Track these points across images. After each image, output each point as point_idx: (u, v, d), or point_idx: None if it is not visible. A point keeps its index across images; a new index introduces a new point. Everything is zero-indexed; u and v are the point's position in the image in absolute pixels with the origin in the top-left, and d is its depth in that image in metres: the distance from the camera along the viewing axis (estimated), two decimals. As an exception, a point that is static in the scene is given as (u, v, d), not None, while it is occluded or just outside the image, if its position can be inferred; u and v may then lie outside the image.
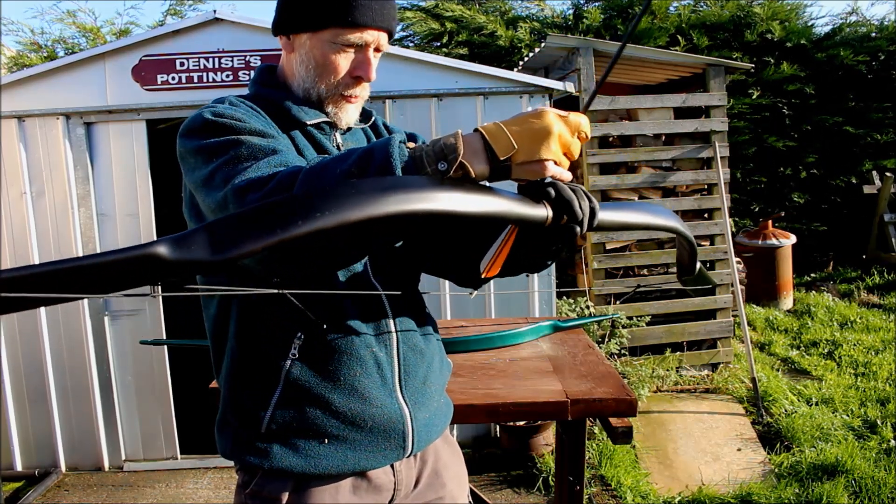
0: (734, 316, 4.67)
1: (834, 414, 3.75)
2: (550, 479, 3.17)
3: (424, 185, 0.85)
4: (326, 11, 1.11)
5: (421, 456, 1.26)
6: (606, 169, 4.42)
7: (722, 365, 4.50)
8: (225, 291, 1.09)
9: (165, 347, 3.42)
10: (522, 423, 3.35)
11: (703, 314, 4.57)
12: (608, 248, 4.42)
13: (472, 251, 1.20)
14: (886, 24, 7.43)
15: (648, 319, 4.41)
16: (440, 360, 1.31)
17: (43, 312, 3.37)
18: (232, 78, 3.27)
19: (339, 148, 1.21)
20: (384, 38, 1.16)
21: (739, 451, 3.47)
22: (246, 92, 1.25)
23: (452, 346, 2.10)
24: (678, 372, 4.40)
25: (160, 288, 0.78)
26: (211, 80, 3.28)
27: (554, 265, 3.57)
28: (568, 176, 0.94)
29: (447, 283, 1.46)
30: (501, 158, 0.89)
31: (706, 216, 4.57)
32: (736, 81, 6.83)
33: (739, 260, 5.38)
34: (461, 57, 6.48)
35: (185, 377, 3.62)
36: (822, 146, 7.24)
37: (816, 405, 3.88)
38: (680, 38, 6.84)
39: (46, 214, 3.33)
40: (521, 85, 3.40)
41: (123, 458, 3.51)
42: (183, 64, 3.27)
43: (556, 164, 0.91)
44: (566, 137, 0.91)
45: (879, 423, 3.60)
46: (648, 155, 4.41)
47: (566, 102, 4.50)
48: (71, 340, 3.40)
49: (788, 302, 6.14)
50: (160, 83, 3.27)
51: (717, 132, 4.43)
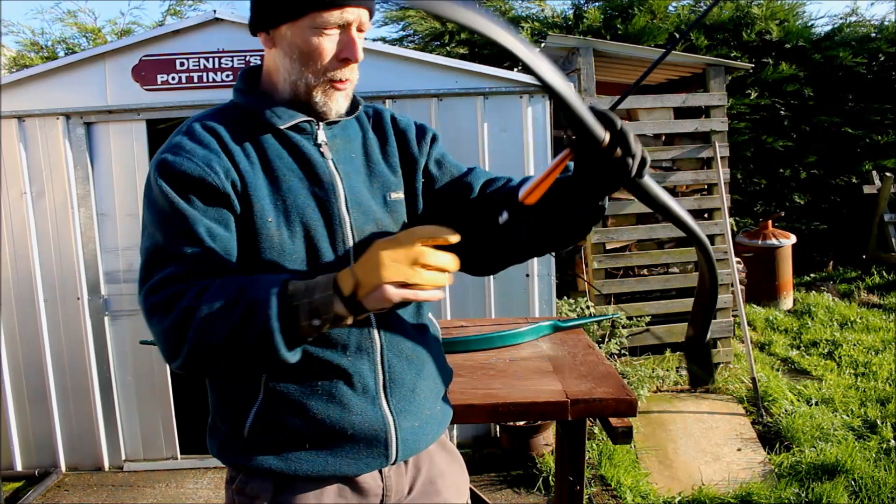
0: (734, 316, 4.67)
1: (834, 414, 3.75)
2: (550, 479, 3.17)
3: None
4: None
5: (414, 463, 1.24)
6: (606, 169, 4.41)
7: (722, 365, 4.50)
8: None
9: (165, 347, 3.41)
10: (522, 423, 3.35)
11: (703, 314, 4.56)
12: (608, 248, 4.42)
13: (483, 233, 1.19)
14: (887, 24, 7.42)
15: (648, 319, 4.41)
16: (436, 366, 1.28)
17: (43, 312, 3.37)
18: (232, 78, 3.27)
19: (320, 149, 1.18)
20: (365, 15, 1.13)
21: (739, 451, 3.47)
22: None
23: (452, 346, 2.10)
24: (678, 372, 4.40)
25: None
26: (211, 80, 3.28)
27: (554, 267, 3.56)
28: (430, 295, 0.95)
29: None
30: (346, 295, 0.94)
31: (706, 216, 4.58)
32: (735, 82, 6.83)
33: (739, 260, 5.38)
34: (462, 56, 6.48)
35: (185, 377, 3.61)
36: (821, 146, 7.24)
37: (816, 405, 3.88)
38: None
39: (46, 214, 3.33)
40: (520, 85, 3.40)
41: (123, 458, 3.51)
42: (183, 64, 3.27)
43: (400, 284, 0.92)
44: (400, 254, 0.92)
45: (879, 423, 3.60)
46: (648, 155, 4.40)
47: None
48: (71, 340, 3.40)
49: (788, 302, 6.14)
50: (160, 83, 3.27)
51: (717, 132, 4.43)
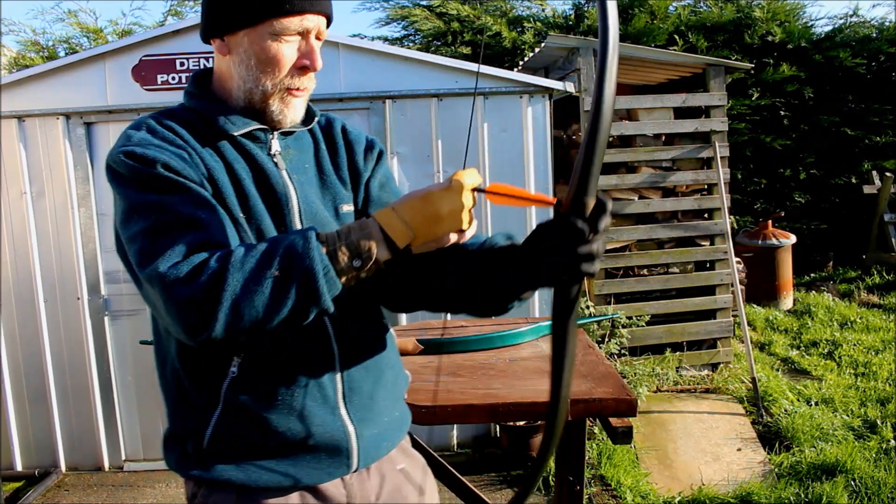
0: (734, 316, 4.67)
1: (834, 414, 3.75)
2: (550, 479, 3.17)
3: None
4: (262, 3, 1.07)
5: (377, 469, 1.23)
6: (606, 169, 4.42)
7: (722, 365, 4.50)
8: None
9: (165, 347, 3.42)
10: (522, 423, 3.35)
11: (703, 314, 4.57)
12: (608, 248, 4.42)
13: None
14: (887, 24, 7.42)
15: (648, 319, 4.41)
16: (393, 372, 1.27)
17: (43, 312, 3.37)
18: (232, 78, 3.27)
19: (273, 159, 1.15)
20: (324, 23, 1.11)
21: (739, 450, 3.47)
22: (179, 103, 1.20)
23: (452, 346, 2.10)
24: (678, 372, 4.40)
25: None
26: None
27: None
28: (470, 233, 1.01)
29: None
30: (402, 246, 0.97)
31: (706, 216, 4.58)
32: (736, 83, 6.83)
33: (739, 260, 5.38)
34: (464, 57, 6.49)
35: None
36: (821, 146, 7.24)
37: (816, 405, 3.88)
38: (678, 38, 6.84)
39: (46, 214, 3.33)
40: (521, 85, 3.40)
41: (123, 458, 3.51)
42: (183, 64, 3.27)
43: (458, 232, 0.98)
44: (458, 205, 0.96)
45: (879, 423, 3.60)
46: (648, 155, 4.41)
47: (566, 102, 4.50)
48: (71, 340, 3.40)
49: (788, 302, 6.14)
50: (160, 83, 3.27)
51: (717, 132, 4.43)
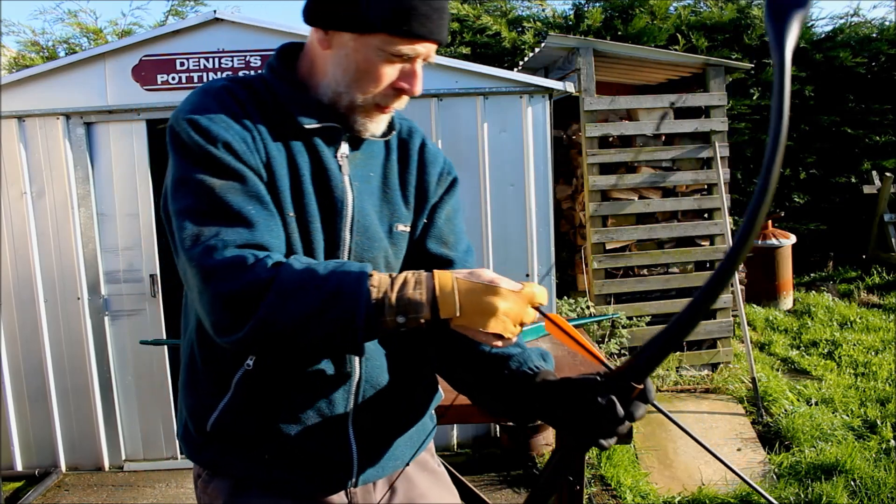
0: (734, 316, 4.67)
1: (834, 414, 3.75)
2: (550, 479, 3.16)
3: None
4: (380, 15, 0.98)
5: (387, 483, 1.21)
6: (606, 169, 4.42)
7: (722, 365, 4.50)
8: None
9: (165, 347, 3.42)
10: (522, 423, 3.35)
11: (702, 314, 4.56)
12: (608, 248, 4.42)
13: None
14: (888, 24, 7.42)
15: (648, 319, 4.41)
16: (416, 395, 1.23)
17: (43, 312, 3.37)
18: (232, 78, 3.27)
19: (339, 161, 1.10)
20: (434, 49, 1.05)
21: (739, 450, 3.47)
22: (257, 74, 1.14)
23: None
24: (678, 372, 4.40)
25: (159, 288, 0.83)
26: (211, 80, 3.27)
27: (554, 267, 3.57)
28: (513, 339, 0.96)
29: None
30: (442, 317, 0.93)
31: (706, 216, 4.58)
32: (736, 82, 6.83)
33: (739, 260, 5.37)
34: (464, 57, 6.48)
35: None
36: (821, 146, 7.24)
37: (816, 405, 3.88)
38: (680, 38, 6.84)
39: (46, 214, 3.33)
40: (520, 85, 3.40)
41: (123, 458, 3.51)
42: (183, 64, 3.27)
43: (499, 336, 0.94)
44: (515, 312, 0.93)
45: (879, 423, 3.59)
46: (648, 155, 4.41)
47: (566, 102, 4.50)
48: (71, 340, 3.40)
49: (788, 302, 6.14)
50: (160, 83, 3.27)
51: (717, 132, 4.43)
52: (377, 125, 1.10)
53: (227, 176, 0.98)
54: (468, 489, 2.30)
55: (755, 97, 7.01)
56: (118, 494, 3.30)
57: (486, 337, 0.94)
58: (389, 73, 1.03)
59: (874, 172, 6.95)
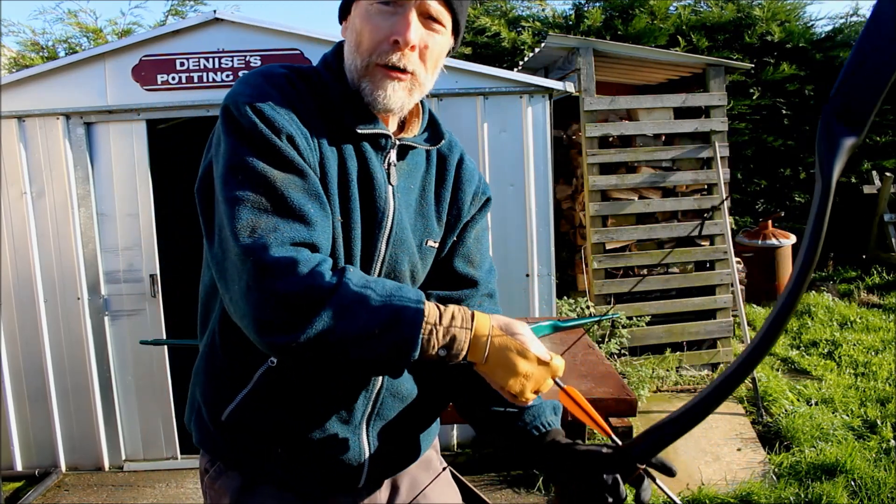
0: (734, 316, 4.67)
1: (834, 414, 3.75)
2: (550, 479, 3.16)
3: None
4: None
5: (391, 482, 1.22)
6: (606, 169, 4.42)
7: (722, 365, 4.50)
8: None
9: (165, 347, 3.42)
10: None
11: (703, 314, 4.57)
12: (608, 248, 4.42)
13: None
14: (887, 24, 7.41)
15: (648, 319, 4.41)
16: (428, 409, 1.23)
17: (43, 312, 3.37)
18: (232, 78, 3.27)
19: (388, 171, 1.08)
20: (434, 3, 1.01)
21: (739, 450, 3.47)
22: (311, 65, 1.11)
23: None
24: (678, 372, 4.40)
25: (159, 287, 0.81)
26: (211, 80, 3.28)
27: (554, 266, 3.56)
28: (527, 403, 0.98)
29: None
30: (468, 360, 0.95)
31: (706, 216, 4.57)
32: (736, 82, 6.83)
33: (739, 260, 5.38)
34: (464, 57, 6.48)
35: (185, 377, 3.61)
36: (821, 146, 7.24)
37: (816, 405, 3.88)
38: (680, 38, 6.84)
39: (46, 214, 3.33)
40: (520, 85, 3.40)
41: (123, 458, 3.51)
42: (183, 64, 3.27)
43: (515, 396, 0.96)
44: (536, 379, 0.96)
45: (879, 423, 3.59)
46: (648, 155, 4.41)
47: (566, 102, 4.50)
48: (71, 340, 3.40)
49: (788, 302, 6.13)
50: (160, 83, 3.27)
51: (717, 132, 4.43)
52: (387, 93, 1.03)
53: (289, 170, 0.95)
54: (468, 489, 2.30)
55: (755, 97, 7.01)
56: (118, 494, 3.30)
57: (502, 391, 0.97)
58: (382, 24, 1.01)
59: (874, 172, 6.95)
